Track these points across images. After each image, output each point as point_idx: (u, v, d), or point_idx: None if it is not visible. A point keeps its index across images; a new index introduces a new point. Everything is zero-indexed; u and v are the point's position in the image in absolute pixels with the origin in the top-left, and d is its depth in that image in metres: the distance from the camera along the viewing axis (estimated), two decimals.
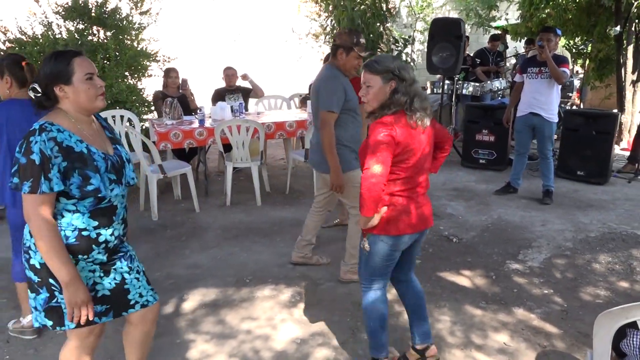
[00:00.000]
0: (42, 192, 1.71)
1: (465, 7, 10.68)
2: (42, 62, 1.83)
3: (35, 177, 1.70)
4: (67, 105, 1.85)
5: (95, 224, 1.87)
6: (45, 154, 1.71)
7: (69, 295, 1.78)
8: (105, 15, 6.19)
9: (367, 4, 7.49)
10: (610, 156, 5.71)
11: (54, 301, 1.86)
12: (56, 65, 1.80)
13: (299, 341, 2.87)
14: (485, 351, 2.77)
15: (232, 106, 5.87)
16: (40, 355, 2.76)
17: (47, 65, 1.81)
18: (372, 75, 2.23)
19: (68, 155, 1.77)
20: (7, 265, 3.85)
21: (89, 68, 1.86)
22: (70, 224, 1.84)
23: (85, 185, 1.80)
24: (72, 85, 1.82)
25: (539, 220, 4.69)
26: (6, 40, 5.88)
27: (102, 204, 1.88)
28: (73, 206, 1.83)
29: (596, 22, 7.85)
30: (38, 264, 1.83)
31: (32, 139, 1.72)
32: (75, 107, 1.86)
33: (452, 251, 4.06)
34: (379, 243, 2.32)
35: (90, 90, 1.85)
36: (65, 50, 1.87)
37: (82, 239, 1.85)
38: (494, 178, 6.09)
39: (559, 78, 4.79)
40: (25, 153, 1.71)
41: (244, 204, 5.25)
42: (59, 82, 1.81)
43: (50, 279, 1.83)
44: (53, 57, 1.82)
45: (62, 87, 1.81)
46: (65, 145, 1.77)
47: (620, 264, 3.80)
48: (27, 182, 1.71)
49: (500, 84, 8.03)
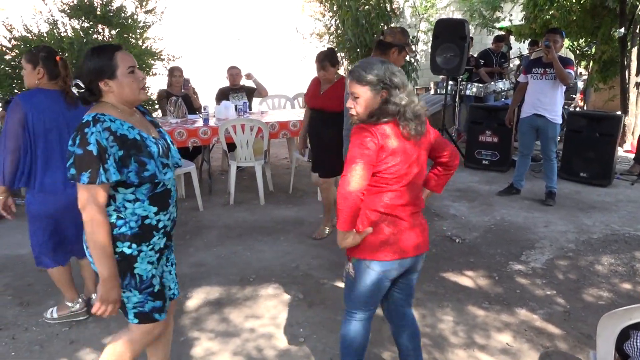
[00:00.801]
0: (101, 182, 1.73)
1: (470, 7, 10.68)
2: (83, 59, 1.87)
3: (94, 167, 1.72)
4: (112, 98, 1.88)
5: (155, 210, 1.91)
6: (101, 144, 1.73)
7: (104, 291, 1.81)
8: (110, 14, 6.22)
9: (371, 4, 7.48)
10: (613, 158, 5.71)
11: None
12: (100, 61, 1.83)
13: (302, 340, 2.88)
14: (488, 351, 2.78)
15: (236, 105, 5.89)
16: (45, 352, 2.78)
17: (90, 61, 1.84)
18: (361, 87, 1.95)
19: (123, 143, 1.80)
20: (11, 263, 3.88)
21: (131, 61, 1.89)
22: (134, 213, 1.87)
23: (142, 171, 1.83)
24: (117, 79, 1.85)
25: (541, 221, 4.69)
26: (12, 38, 5.91)
27: (157, 189, 1.91)
28: (132, 195, 1.86)
29: (600, 23, 7.85)
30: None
31: (86, 130, 1.74)
32: (119, 100, 1.89)
33: (455, 251, 4.06)
34: (366, 270, 2.04)
35: (134, 83, 1.88)
36: (107, 46, 1.90)
37: (144, 226, 1.89)
38: (497, 179, 6.09)
39: (564, 79, 4.79)
40: (80, 144, 1.73)
41: (247, 203, 5.26)
42: (103, 77, 1.84)
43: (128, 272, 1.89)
44: (95, 53, 1.85)
45: (106, 82, 1.84)
46: (119, 134, 1.80)
47: (622, 266, 3.80)
48: (85, 172, 1.72)
49: (503, 85, 8.02)
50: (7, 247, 4.14)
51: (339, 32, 8.33)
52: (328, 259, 3.88)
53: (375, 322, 3.00)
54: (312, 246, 4.16)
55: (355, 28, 7.47)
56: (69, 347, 2.82)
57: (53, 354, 2.76)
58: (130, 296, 1.92)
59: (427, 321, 3.06)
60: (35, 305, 3.26)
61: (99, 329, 2.99)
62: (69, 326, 3.02)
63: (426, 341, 2.85)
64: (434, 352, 2.76)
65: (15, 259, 3.94)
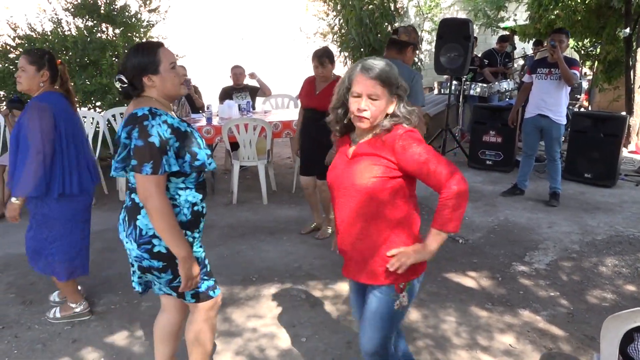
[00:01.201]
0: (163, 172, 1.83)
1: (474, 7, 10.65)
2: (127, 55, 1.94)
3: (156, 158, 1.81)
4: (154, 93, 1.95)
5: (201, 197, 2.04)
6: (162, 136, 1.83)
7: (185, 270, 1.93)
8: (114, 13, 6.23)
9: (375, 4, 7.46)
10: (618, 159, 5.68)
11: (176, 281, 2.02)
12: (144, 57, 1.90)
13: (305, 339, 2.87)
14: (491, 352, 2.77)
15: (239, 105, 5.89)
16: (48, 350, 2.78)
17: (134, 58, 1.91)
18: (382, 87, 1.75)
19: (179, 135, 1.90)
20: (15, 261, 3.89)
21: (172, 58, 1.98)
22: (187, 200, 1.98)
23: (193, 161, 1.94)
24: (160, 75, 1.92)
25: (545, 222, 4.67)
26: (16, 37, 5.92)
27: (200, 178, 2.04)
28: (183, 184, 1.97)
29: (605, 23, 7.82)
30: (164, 249, 1.94)
31: (146, 123, 1.82)
32: (161, 94, 1.97)
33: (458, 252, 4.05)
34: (413, 290, 1.91)
35: (175, 78, 1.97)
36: (150, 42, 1.98)
37: (194, 213, 2.01)
38: (500, 179, 6.07)
39: (569, 79, 4.77)
40: (141, 136, 1.81)
41: (250, 203, 5.26)
42: (147, 73, 1.91)
43: (177, 260, 1.95)
44: (140, 50, 1.92)
45: (150, 77, 1.92)
46: (175, 126, 1.91)
47: (627, 267, 3.78)
48: (147, 163, 1.80)
49: (508, 85, 8.00)
50: (11, 246, 4.15)
51: (343, 31, 8.32)
52: (331, 259, 3.87)
53: None
54: (314, 246, 4.16)
55: (359, 27, 7.45)
56: (71, 346, 2.82)
57: (55, 353, 2.76)
58: None
59: (429, 322, 3.05)
60: (37, 304, 3.26)
61: (101, 328, 2.99)
62: (71, 325, 3.02)
63: (429, 342, 2.85)
64: (437, 353, 2.75)
65: (18, 257, 3.95)
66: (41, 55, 2.80)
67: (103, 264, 3.85)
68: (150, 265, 1.97)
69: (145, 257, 1.96)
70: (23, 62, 2.77)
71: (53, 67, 2.82)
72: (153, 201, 1.82)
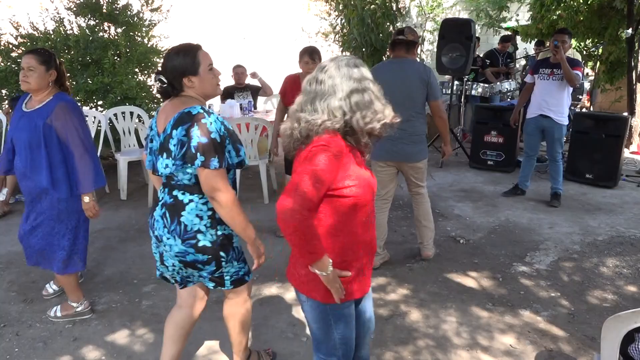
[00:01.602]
0: (226, 165, 1.96)
1: (476, 7, 10.63)
2: (167, 56, 2.03)
3: (220, 153, 1.93)
4: (192, 92, 2.05)
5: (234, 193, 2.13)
6: (220, 132, 1.95)
7: (255, 249, 2.12)
8: (116, 12, 6.23)
9: (377, 4, 7.47)
10: (619, 159, 5.67)
11: (217, 272, 2.14)
12: (185, 59, 2.00)
13: (305, 339, 2.88)
14: (491, 353, 2.77)
15: (241, 104, 5.89)
16: (49, 349, 2.79)
17: (175, 59, 2.00)
18: None
19: (229, 132, 2.03)
20: (16, 259, 3.90)
21: (210, 60, 2.08)
22: None
23: (237, 156, 2.06)
24: (199, 76, 2.02)
25: (546, 222, 4.67)
26: (18, 36, 5.93)
27: (231, 175, 2.11)
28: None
29: (607, 24, 7.80)
30: (209, 243, 2.06)
31: (204, 121, 1.92)
32: (199, 94, 2.07)
33: (459, 252, 4.05)
34: None
35: (213, 79, 2.09)
36: (190, 45, 2.05)
37: None
38: (502, 179, 6.07)
39: (571, 80, 4.76)
40: (203, 134, 1.91)
41: (251, 202, 5.26)
42: (187, 74, 2.00)
43: (221, 253, 2.09)
44: (181, 52, 2.01)
45: (189, 78, 2.01)
46: (225, 124, 2.03)
47: (628, 268, 3.78)
48: (214, 158, 1.91)
49: (509, 86, 8.00)
50: (13, 244, 4.16)
51: (345, 31, 8.33)
52: None
53: (378, 323, 3.01)
54: None
55: (361, 27, 7.46)
56: (72, 344, 2.83)
57: (56, 351, 2.77)
58: (230, 267, 2.17)
59: (430, 322, 3.05)
60: (39, 302, 3.27)
61: (102, 327, 3.00)
62: (72, 323, 3.03)
63: (429, 342, 2.85)
64: (437, 353, 2.75)
65: (20, 255, 3.94)
66: (49, 54, 2.84)
67: (104, 262, 3.86)
68: (194, 259, 2.06)
69: (190, 252, 2.05)
70: (32, 61, 2.76)
71: (58, 67, 2.87)
72: (222, 193, 1.94)
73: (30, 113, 2.80)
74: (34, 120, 2.76)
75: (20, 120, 2.83)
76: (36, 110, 2.79)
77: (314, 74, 1.72)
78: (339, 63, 1.68)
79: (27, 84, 2.78)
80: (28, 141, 2.76)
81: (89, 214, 2.86)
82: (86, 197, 2.82)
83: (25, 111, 2.84)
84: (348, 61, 1.70)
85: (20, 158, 2.84)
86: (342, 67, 1.67)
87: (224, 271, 2.15)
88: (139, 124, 5.49)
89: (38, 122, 2.74)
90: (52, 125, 2.74)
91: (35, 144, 2.75)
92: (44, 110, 2.77)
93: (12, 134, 2.88)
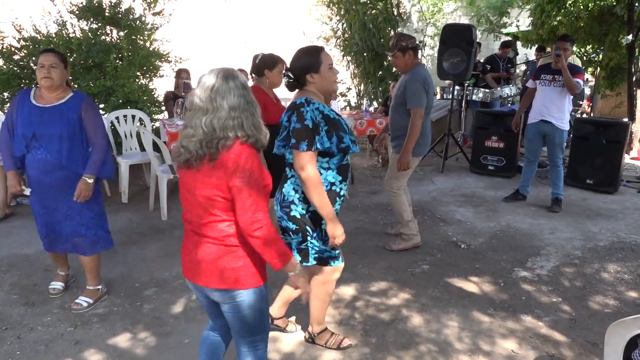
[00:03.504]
0: (315, 149, 2.24)
1: (477, 13, 10.65)
2: (296, 56, 2.37)
3: (310, 138, 2.23)
4: (313, 87, 2.37)
5: (340, 179, 2.41)
6: (314, 120, 2.25)
7: (332, 228, 2.33)
8: (119, 15, 6.25)
9: (378, 9, 7.51)
10: (620, 165, 5.68)
11: (304, 244, 2.42)
12: (310, 58, 2.34)
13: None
14: (493, 358, 2.77)
15: None
16: (50, 352, 2.78)
17: (301, 59, 2.35)
18: None
19: (328, 121, 2.30)
20: (17, 262, 3.90)
21: (331, 60, 2.39)
22: (326, 179, 2.36)
23: (340, 143, 2.32)
24: (320, 73, 2.34)
25: (547, 228, 4.67)
26: (20, 39, 5.94)
27: (344, 161, 2.39)
28: (327, 164, 2.36)
29: (608, 30, 7.82)
30: (299, 215, 2.37)
31: (302, 109, 2.25)
32: (319, 89, 2.37)
33: (460, 257, 4.05)
34: None
35: (332, 76, 2.40)
36: (315, 47, 2.42)
37: (331, 192, 2.37)
38: (502, 185, 6.07)
39: (572, 88, 4.78)
40: (298, 120, 2.24)
41: None
42: (310, 71, 2.33)
43: (307, 227, 2.38)
44: (307, 52, 2.36)
45: (312, 75, 2.34)
46: (325, 113, 2.31)
47: (629, 274, 3.78)
48: (304, 142, 2.22)
49: (510, 91, 8.01)
50: (15, 247, 4.16)
51: (346, 36, 8.36)
52: None
53: (379, 328, 3.01)
54: None
55: (363, 32, 7.49)
56: (74, 348, 2.82)
57: (58, 354, 2.77)
58: (314, 244, 2.43)
59: (431, 327, 3.05)
60: (40, 305, 3.27)
61: (103, 330, 3.00)
62: (74, 326, 3.02)
63: (431, 347, 2.85)
64: (439, 358, 2.75)
65: (22, 258, 3.96)
66: (63, 54, 3.00)
67: (105, 266, 3.85)
68: (287, 225, 2.40)
69: (284, 218, 2.40)
70: (54, 58, 2.88)
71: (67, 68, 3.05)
72: (306, 172, 2.22)
73: (58, 107, 2.91)
74: (66, 114, 2.90)
75: (43, 116, 2.89)
76: (64, 104, 2.92)
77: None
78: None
79: (50, 80, 2.87)
80: (63, 133, 2.90)
81: (84, 194, 2.97)
82: (91, 179, 2.98)
83: (45, 106, 2.90)
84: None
85: (49, 151, 2.90)
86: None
87: (309, 245, 2.41)
88: (140, 127, 5.49)
89: (70, 115, 2.91)
90: (82, 118, 2.94)
91: (71, 135, 2.92)
92: (72, 104, 2.94)
93: (31, 129, 2.89)
